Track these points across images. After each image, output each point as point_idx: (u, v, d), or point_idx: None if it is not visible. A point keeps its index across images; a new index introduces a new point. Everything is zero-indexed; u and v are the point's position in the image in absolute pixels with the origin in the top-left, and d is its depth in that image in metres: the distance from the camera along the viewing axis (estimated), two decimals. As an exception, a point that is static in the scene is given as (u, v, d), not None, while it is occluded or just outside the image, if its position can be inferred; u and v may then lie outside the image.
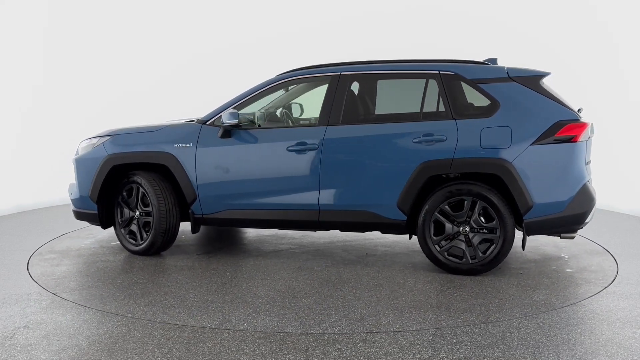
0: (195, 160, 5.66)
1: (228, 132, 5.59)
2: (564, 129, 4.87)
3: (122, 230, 6.02)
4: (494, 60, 5.41)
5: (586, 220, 4.99)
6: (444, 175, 5.14)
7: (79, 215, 6.20)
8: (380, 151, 5.19)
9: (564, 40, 9.05)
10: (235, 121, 5.48)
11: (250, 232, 7.05)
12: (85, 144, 6.21)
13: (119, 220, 6.02)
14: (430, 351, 3.63)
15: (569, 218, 4.91)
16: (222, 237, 6.89)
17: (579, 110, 5.38)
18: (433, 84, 5.24)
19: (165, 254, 6.04)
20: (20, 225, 7.44)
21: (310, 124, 6.15)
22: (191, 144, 5.68)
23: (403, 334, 3.89)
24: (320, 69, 5.63)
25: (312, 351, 3.64)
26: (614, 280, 5.03)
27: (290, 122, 6.31)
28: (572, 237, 5.11)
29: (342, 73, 5.48)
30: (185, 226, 7.06)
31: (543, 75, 5.13)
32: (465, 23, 9.77)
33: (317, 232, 6.76)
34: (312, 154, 5.35)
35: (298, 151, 5.39)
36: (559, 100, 5.00)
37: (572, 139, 4.87)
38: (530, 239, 6.26)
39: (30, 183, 8.71)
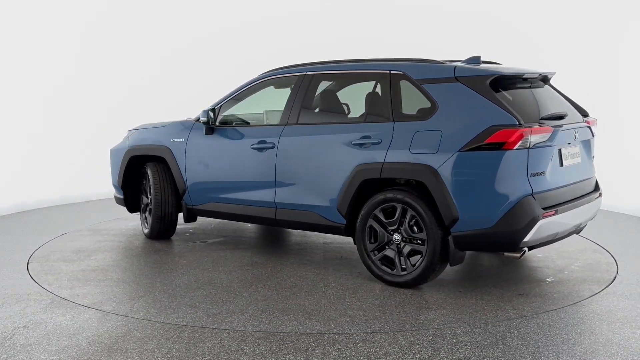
0: (185, 154, 6.07)
1: (211, 129, 5.92)
2: (495, 135, 4.33)
3: (142, 215, 6.67)
4: (477, 59, 4.95)
5: (525, 239, 4.36)
6: (397, 180, 4.85)
7: (116, 200, 6.96)
8: (323, 152, 5.12)
9: (568, 38, 9.04)
10: (205, 119, 5.87)
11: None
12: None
13: (142, 205, 6.66)
14: (430, 351, 3.63)
15: (500, 235, 4.36)
16: (246, 229, 7.12)
17: (583, 113, 5.21)
18: (384, 84, 5.04)
19: (173, 238, 6.61)
20: (20, 225, 7.44)
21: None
22: (183, 139, 6.12)
23: (403, 334, 3.89)
24: (293, 69, 5.69)
25: (312, 351, 3.64)
26: (614, 280, 5.02)
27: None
28: (517, 257, 4.54)
29: (306, 73, 5.51)
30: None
31: (492, 75, 4.61)
32: (469, 22, 9.76)
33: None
34: (269, 152, 5.46)
35: (259, 149, 5.53)
36: (502, 103, 4.45)
37: (502, 146, 4.32)
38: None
39: (30, 182, 8.70)
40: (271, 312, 4.32)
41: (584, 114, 5.29)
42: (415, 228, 4.70)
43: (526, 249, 4.48)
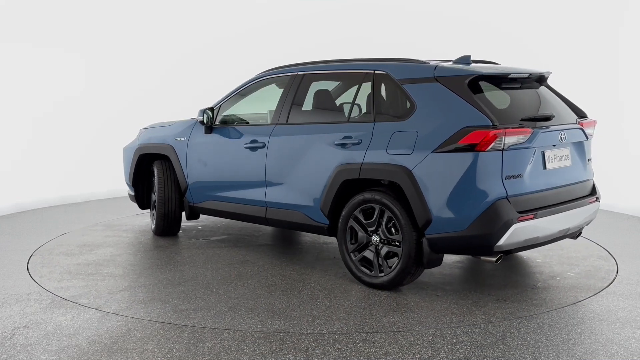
0: (186, 152, 6.18)
1: (210, 129, 6.02)
2: (468, 136, 4.23)
3: (151, 211, 6.78)
4: (467, 58, 4.86)
5: (499, 243, 4.27)
6: (382, 181, 4.77)
7: (129, 197, 7.12)
8: (308, 152, 5.14)
9: (568, 38, 9.04)
10: (201, 118, 5.97)
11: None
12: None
13: (151, 202, 6.77)
14: (430, 351, 3.63)
15: (473, 238, 4.29)
16: (254, 227, 7.13)
17: (580, 114, 5.08)
18: (367, 84, 5.01)
19: (180, 234, 6.73)
20: (20, 225, 7.44)
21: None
22: (185, 138, 6.23)
23: (403, 334, 3.89)
24: (286, 69, 5.71)
25: (312, 351, 3.64)
26: (613, 280, 5.02)
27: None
28: (493, 262, 4.42)
29: (297, 73, 5.53)
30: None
31: (471, 75, 4.52)
32: (472, 21, 9.77)
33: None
34: (260, 151, 5.52)
35: (251, 148, 5.59)
36: (477, 103, 4.35)
37: (475, 148, 4.23)
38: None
39: (29, 182, 8.69)
40: (237, 310, 4.34)
41: (581, 115, 5.11)
42: (392, 230, 4.65)
43: (502, 253, 4.41)
